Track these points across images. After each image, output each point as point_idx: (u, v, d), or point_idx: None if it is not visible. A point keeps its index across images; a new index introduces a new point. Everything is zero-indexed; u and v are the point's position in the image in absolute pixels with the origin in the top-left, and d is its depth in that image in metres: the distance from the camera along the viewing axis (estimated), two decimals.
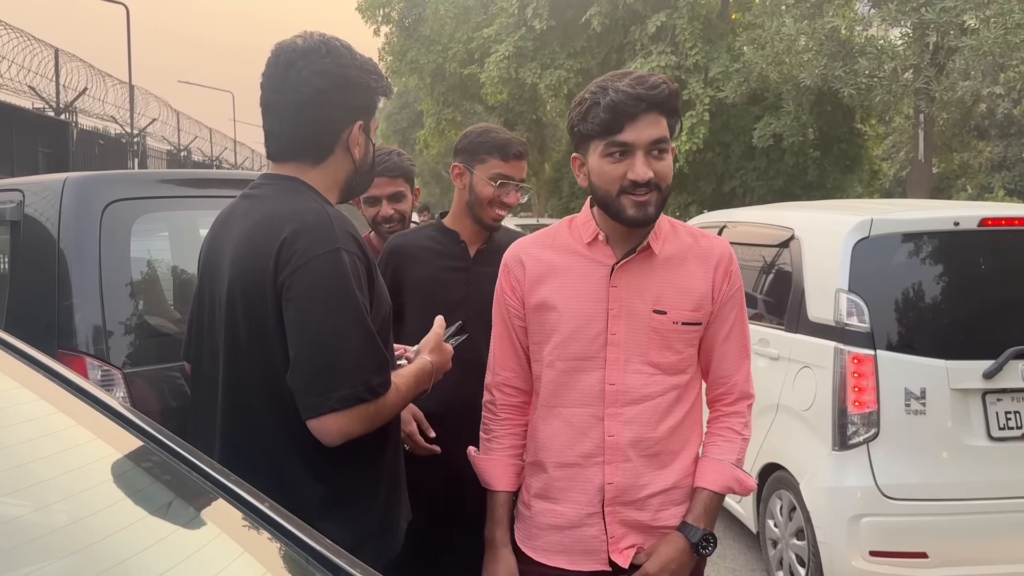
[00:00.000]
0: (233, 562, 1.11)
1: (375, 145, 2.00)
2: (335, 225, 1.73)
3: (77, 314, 2.98)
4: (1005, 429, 3.69)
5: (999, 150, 28.05)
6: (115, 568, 1.09)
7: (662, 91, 1.84)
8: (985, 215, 3.86)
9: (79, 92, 15.30)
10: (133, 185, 3.33)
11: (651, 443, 1.95)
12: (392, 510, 1.95)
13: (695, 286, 1.96)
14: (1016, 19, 13.00)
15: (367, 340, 1.69)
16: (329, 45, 1.85)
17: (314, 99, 1.81)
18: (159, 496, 1.27)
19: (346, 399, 1.65)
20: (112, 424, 1.33)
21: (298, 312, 1.68)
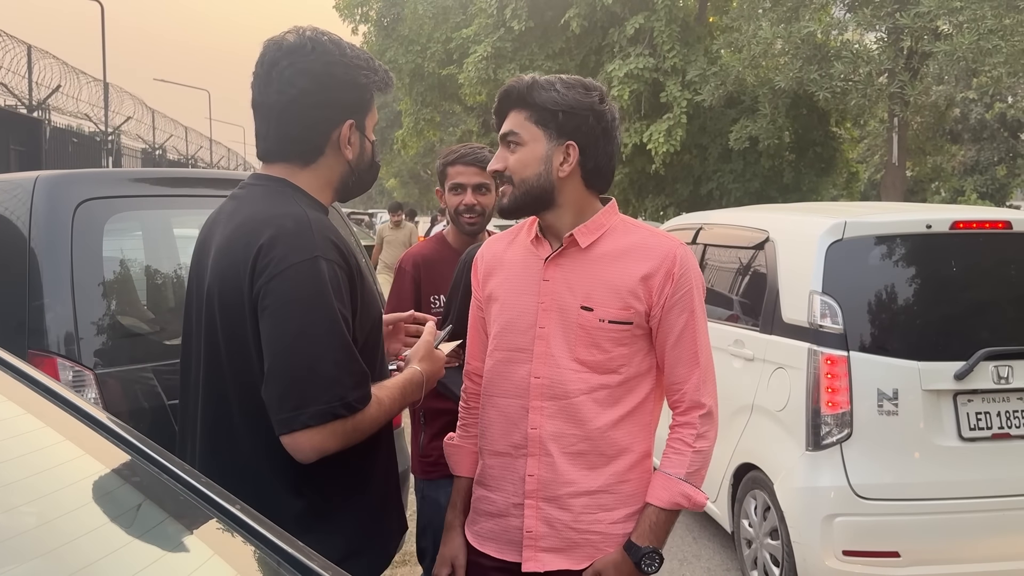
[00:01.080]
0: (203, 565, 1.10)
1: (372, 143, 1.91)
2: (315, 232, 1.66)
3: (48, 314, 2.95)
4: (975, 430, 3.73)
5: (972, 154, 28.42)
6: (83, 571, 1.07)
7: (513, 89, 1.95)
8: (957, 218, 3.91)
9: (52, 89, 15.10)
10: (105, 184, 3.30)
11: (574, 440, 1.93)
12: (381, 524, 1.90)
13: (625, 284, 1.92)
14: (988, 25, 13.18)
15: (344, 353, 1.62)
16: (317, 42, 1.78)
17: (298, 100, 1.75)
18: (129, 499, 1.25)
19: (320, 415, 1.58)
20: (82, 426, 1.32)
21: (273, 322, 1.62)
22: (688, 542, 4.95)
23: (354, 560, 1.75)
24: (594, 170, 1.94)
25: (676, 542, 4.94)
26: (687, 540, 4.98)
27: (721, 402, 4.67)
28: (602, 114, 1.91)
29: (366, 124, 1.87)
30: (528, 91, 1.91)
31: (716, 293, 5.00)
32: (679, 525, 5.19)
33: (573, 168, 1.91)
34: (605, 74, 18.45)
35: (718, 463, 4.53)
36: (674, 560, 4.69)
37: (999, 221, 3.95)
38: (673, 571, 4.56)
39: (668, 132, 17.71)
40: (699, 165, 19.79)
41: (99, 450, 1.29)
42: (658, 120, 18.16)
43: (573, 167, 1.91)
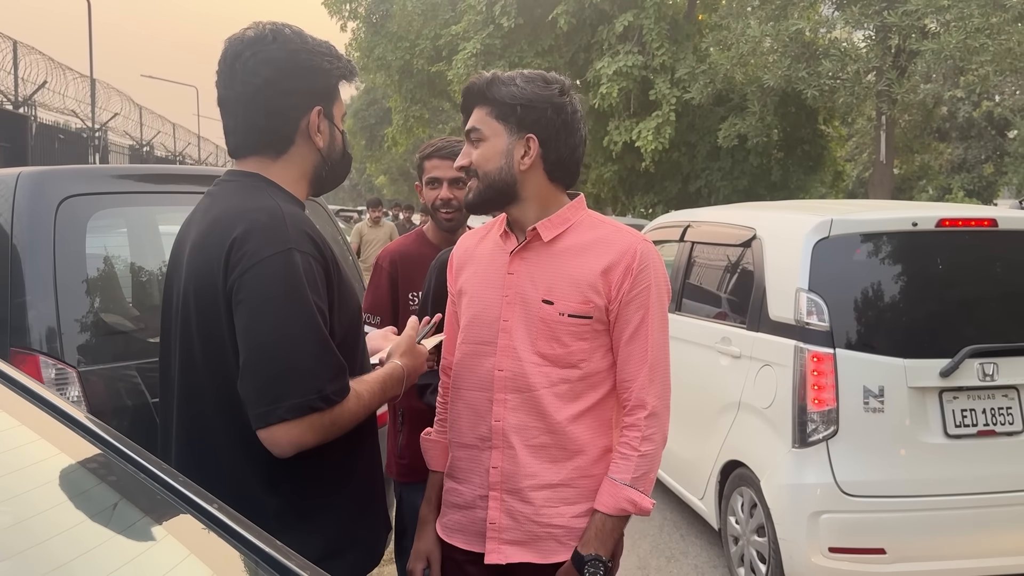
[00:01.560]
0: (179, 564, 1.09)
1: (343, 132, 1.90)
2: (288, 224, 1.65)
3: (30, 311, 2.92)
4: (961, 427, 3.75)
5: (959, 152, 28.55)
6: (57, 571, 1.06)
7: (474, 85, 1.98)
8: (943, 216, 3.92)
9: (38, 85, 14.99)
10: (89, 180, 3.27)
11: (536, 433, 1.93)
12: (366, 522, 1.88)
13: (585, 278, 1.91)
14: (976, 23, 13.24)
15: (320, 345, 1.61)
16: (277, 32, 1.77)
17: (263, 89, 1.73)
18: (104, 498, 1.23)
19: (297, 408, 1.56)
20: (57, 424, 1.30)
21: (247, 316, 1.60)
22: (676, 539, 4.96)
23: (336, 559, 1.73)
24: (556, 163, 1.93)
25: (664, 539, 4.95)
26: (674, 537, 4.99)
27: (708, 400, 4.70)
28: (561, 107, 1.91)
29: (334, 112, 1.86)
30: (488, 87, 1.94)
31: (703, 290, 5.00)
32: (666, 522, 5.19)
33: (534, 161, 1.91)
34: (594, 71, 18.46)
35: (705, 460, 4.54)
36: (661, 557, 4.70)
37: (985, 219, 3.96)
38: (661, 568, 4.57)
39: (657, 130, 17.74)
40: (688, 163, 19.82)
41: (75, 448, 1.28)
42: (647, 118, 18.18)
43: (534, 160, 1.91)
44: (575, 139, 1.94)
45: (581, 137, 1.96)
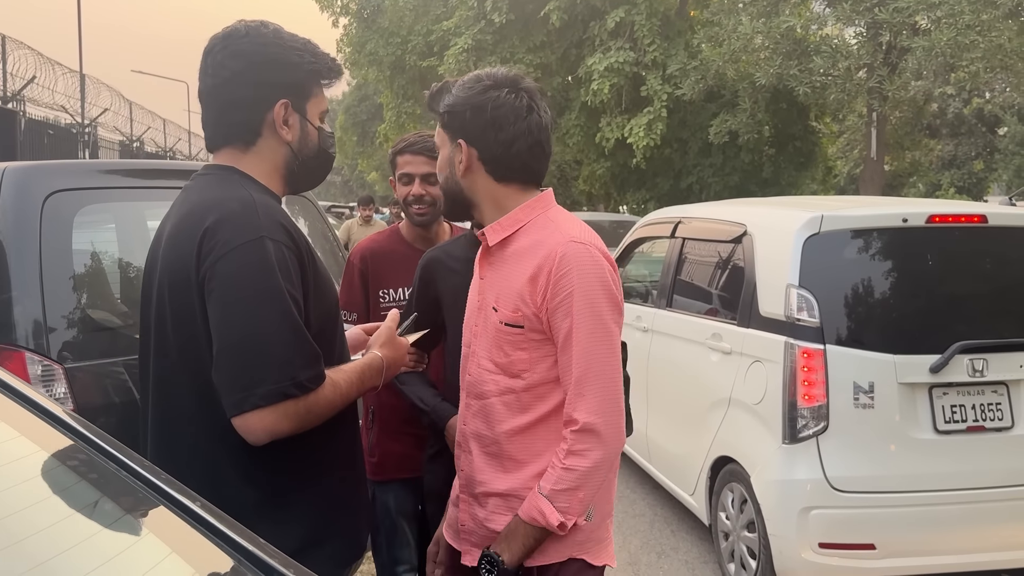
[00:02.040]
0: (160, 563, 1.08)
1: (322, 130, 1.89)
2: (260, 213, 1.66)
3: (16, 307, 2.90)
4: (951, 423, 3.75)
5: (949, 149, 28.67)
6: (36, 569, 1.04)
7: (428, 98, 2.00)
8: (933, 212, 3.92)
9: (27, 80, 14.89)
10: (76, 175, 3.25)
11: (489, 441, 1.92)
12: (347, 512, 1.87)
13: (515, 285, 1.86)
14: (966, 20, 13.28)
15: (293, 333, 1.60)
16: (251, 27, 1.80)
17: (230, 81, 1.76)
18: (85, 495, 1.22)
19: (270, 395, 1.56)
20: (37, 420, 1.28)
21: (220, 305, 1.60)
22: (666, 535, 4.96)
23: (316, 549, 1.74)
24: (493, 161, 1.87)
25: (654, 535, 4.95)
26: (665, 533, 4.99)
27: (698, 396, 4.70)
28: (480, 106, 1.84)
29: (307, 108, 1.85)
30: (431, 99, 1.96)
31: (694, 287, 5.00)
32: (657, 518, 5.20)
33: (471, 164, 1.88)
34: (586, 68, 18.45)
35: (695, 456, 4.54)
36: (652, 553, 4.70)
37: (975, 215, 3.96)
38: (651, 564, 4.57)
39: (648, 126, 17.73)
40: (679, 159, 19.83)
41: (54, 445, 1.26)
42: (639, 114, 18.18)
43: (470, 163, 1.88)
44: (506, 134, 1.84)
45: (520, 129, 1.85)
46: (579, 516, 1.75)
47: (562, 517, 1.76)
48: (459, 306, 2.36)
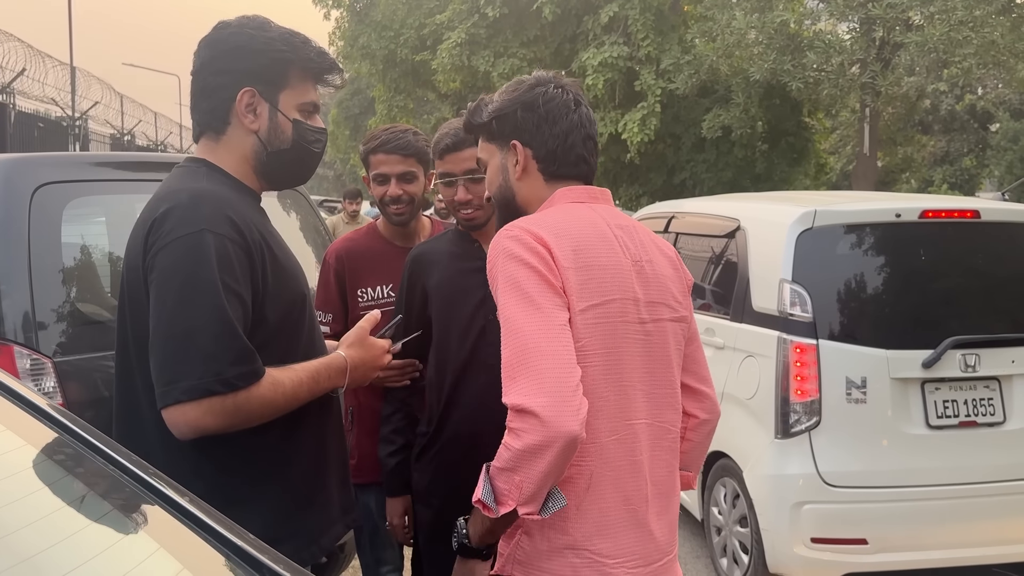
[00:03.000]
0: (148, 558, 1.06)
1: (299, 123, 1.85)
2: (206, 205, 1.64)
3: (5, 301, 2.87)
4: (943, 418, 3.76)
5: (942, 145, 28.74)
6: (22, 564, 1.03)
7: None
8: (926, 207, 3.93)
9: (17, 73, 14.80)
10: (65, 168, 3.22)
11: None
12: (304, 515, 1.82)
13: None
14: (959, 16, 13.30)
15: (223, 327, 1.57)
16: (239, 19, 1.81)
17: (200, 70, 1.78)
18: (72, 489, 1.21)
19: (193, 390, 1.53)
20: (24, 414, 1.27)
21: (154, 295, 1.60)
22: None
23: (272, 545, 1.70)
24: (549, 157, 1.83)
25: None
26: None
27: None
28: (531, 102, 1.82)
29: (279, 98, 1.82)
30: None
31: None
32: None
33: (527, 164, 1.84)
34: (579, 62, 18.42)
35: None
36: None
37: (968, 210, 3.97)
38: None
39: (642, 121, 17.72)
40: (673, 154, 19.83)
41: (41, 439, 1.25)
42: (632, 109, 18.17)
43: (526, 163, 1.84)
44: (560, 127, 1.82)
45: (573, 122, 1.83)
46: (517, 503, 1.55)
47: (493, 495, 1.59)
48: (446, 303, 2.32)
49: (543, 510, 1.57)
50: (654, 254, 1.80)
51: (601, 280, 1.68)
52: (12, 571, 1.02)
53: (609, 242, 1.73)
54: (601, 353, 1.66)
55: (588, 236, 1.70)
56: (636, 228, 1.82)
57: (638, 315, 1.72)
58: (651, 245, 1.82)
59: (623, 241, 1.75)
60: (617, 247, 1.73)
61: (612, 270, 1.70)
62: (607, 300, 1.67)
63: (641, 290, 1.73)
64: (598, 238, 1.72)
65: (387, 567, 2.85)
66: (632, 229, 1.80)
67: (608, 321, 1.67)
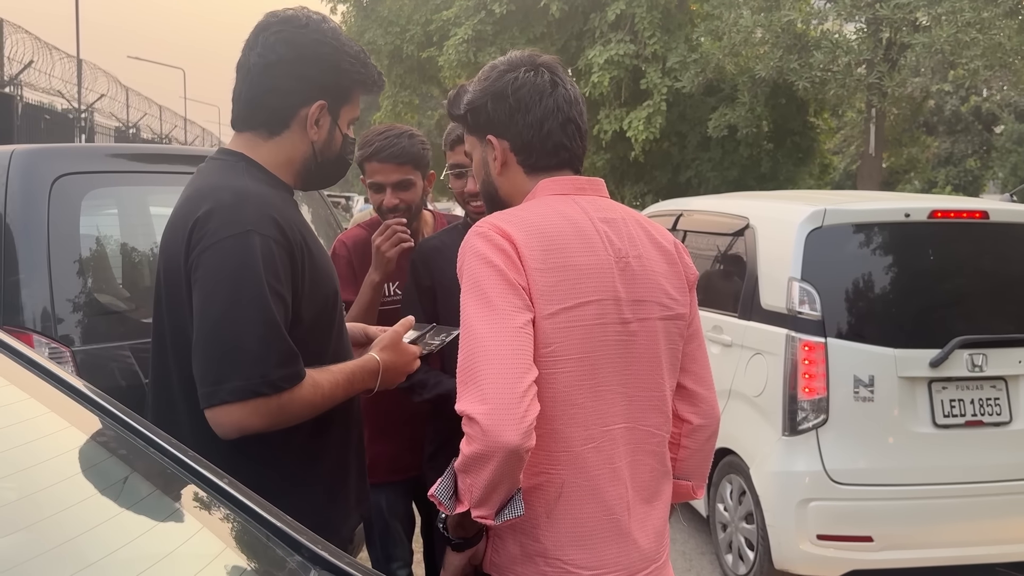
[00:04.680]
0: (191, 538, 1.09)
1: (347, 137, 1.88)
2: (251, 205, 1.64)
3: (24, 290, 2.90)
4: (949, 417, 3.78)
5: (946, 146, 28.71)
6: (66, 544, 1.06)
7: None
8: (935, 207, 3.95)
9: (24, 65, 14.82)
10: (83, 159, 3.25)
11: None
12: (329, 510, 1.85)
13: None
14: (967, 17, 13.28)
15: (269, 329, 1.58)
16: (313, 20, 1.78)
17: (275, 66, 1.74)
18: (114, 471, 1.23)
19: (239, 391, 1.55)
20: (66, 399, 1.29)
21: (200, 295, 1.60)
22: None
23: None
24: (525, 148, 1.71)
25: None
26: None
27: None
28: (500, 92, 1.70)
29: (340, 113, 1.85)
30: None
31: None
32: None
33: (505, 157, 1.73)
34: (585, 60, 18.40)
35: None
36: None
37: (977, 211, 3.99)
38: None
39: (648, 119, 17.69)
40: (678, 153, 19.81)
41: (84, 422, 1.27)
42: (638, 107, 18.15)
43: (504, 156, 1.73)
44: (534, 114, 1.69)
45: (548, 108, 1.69)
46: (470, 504, 1.51)
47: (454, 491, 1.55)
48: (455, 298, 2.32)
49: (498, 516, 1.52)
50: (644, 248, 1.69)
51: (575, 281, 1.58)
52: (56, 551, 1.05)
53: (588, 238, 1.62)
54: (576, 358, 1.57)
55: (564, 233, 1.60)
56: (625, 221, 1.70)
57: (619, 315, 1.62)
58: (642, 238, 1.70)
59: (606, 236, 1.64)
60: (598, 243, 1.63)
61: (589, 269, 1.60)
62: (581, 302, 1.58)
63: (624, 288, 1.63)
64: (575, 235, 1.61)
65: (397, 563, 2.88)
66: (619, 222, 1.69)
67: (583, 324, 1.58)
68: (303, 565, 1.10)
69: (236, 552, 1.09)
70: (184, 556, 1.07)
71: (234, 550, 1.09)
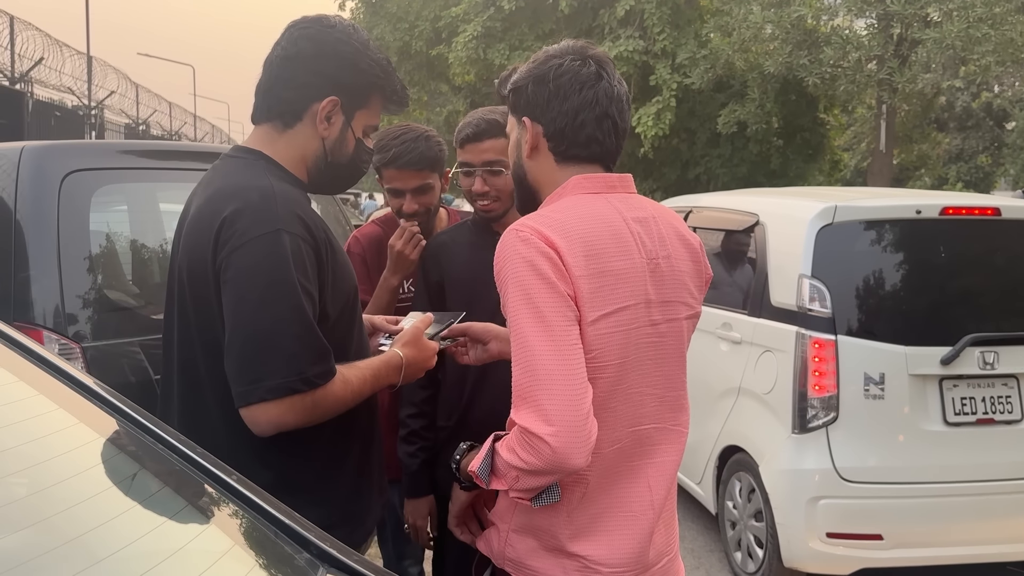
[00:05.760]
0: (200, 534, 1.09)
1: (361, 142, 1.88)
2: (279, 204, 1.66)
3: (34, 286, 2.91)
4: (960, 415, 3.76)
5: (957, 143, 28.57)
6: (76, 540, 1.06)
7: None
8: (946, 204, 3.92)
9: (35, 62, 14.89)
10: (93, 155, 3.26)
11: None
12: (355, 502, 1.88)
13: None
14: (978, 13, 13.20)
15: (303, 327, 1.61)
16: (343, 24, 1.82)
17: (294, 59, 1.77)
18: (123, 468, 1.23)
19: (277, 389, 1.57)
20: (76, 395, 1.30)
21: (232, 295, 1.61)
22: None
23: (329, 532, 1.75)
24: (557, 135, 1.68)
25: None
26: None
27: (708, 385, 4.70)
28: (542, 76, 1.68)
29: (356, 116, 1.85)
30: (500, 85, 1.82)
31: None
32: None
33: (537, 142, 1.71)
34: None
35: (704, 445, 4.56)
36: None
37: (988, 207, 3.97)
38: None
39: (657, 116, 17.66)
40: (687, 149, 19.76)
41: (94, 419, 1.27)
42: (647, 103, 18.11)
43: (535, 140, 1.70)
44: (571, 103, 1.66)
45: (586, 99, 1.66)
46: (509, 487, 1.53)
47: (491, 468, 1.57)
48: (467, 295, 2.28)
49: (535, 500, 1.55)
50: (674, 248, 1.69)
51: (614, 287, 1.57)
52: (65, 547, 1.05)
53: (623, 241, 1.60)
54: (615, 364, 1.57)
55: (601, 237, 1.58)
56: (656, 219, 1.69)
57: (649, 318, 1.62)
58: (672, 238, 1.70)
59: (639, 237, 1.63)
60: (632, 245, 1.61)
61: (625, 274, 1.59)
62: (619, 308, 1.57)
63: (655, 290, 1.63)
64: (611, 238, 1.59)
65: (408, 560, 2.88)
66: (651, 221, 1.67)
67: (620, 330, 1.57)
68: (311, 562, 1.10)
69: (244, 549, 1.09)
70: (192, 553, 1.07)
71: (242, 547, 1.09)
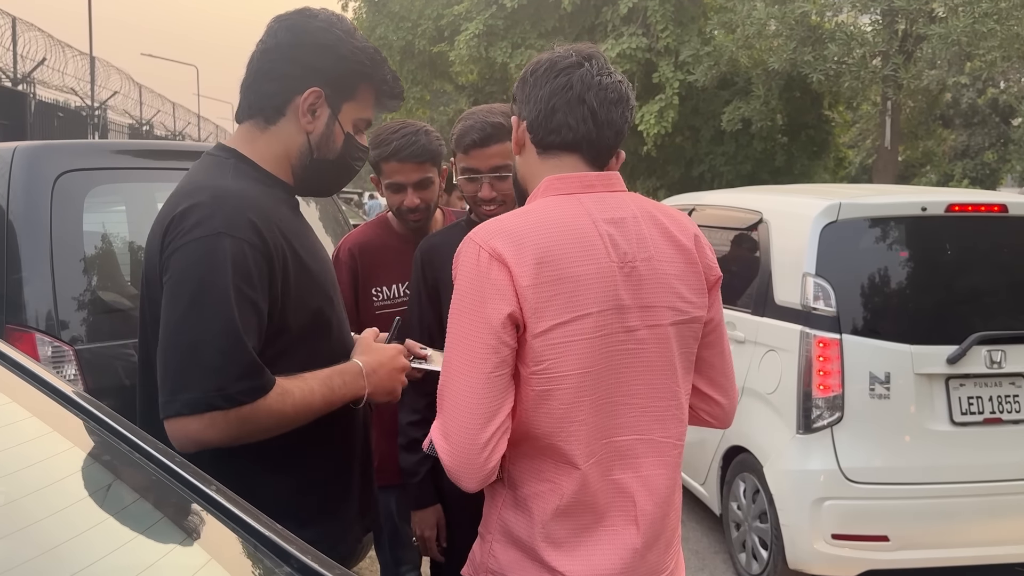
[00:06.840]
0: (177, 547, 1.05)
1: (351, 137, 1.79)
2: (228, 206, 1.56)
3: (27, 288, 2.88)
4: (967, 414, 3.71)
5: (963, 139, 28.44)
6: (49, 552, 1.02)
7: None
8: (952, 201, 3.88)
9: (37, 62, 14.90)
10: (86, 155, 3.22)
11: None
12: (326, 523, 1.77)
13: None
14: (984, 8, 13.12)
15: (230, 339, 1.49)
16: (326, 13, 1.73)
17: (273, 50, 1.70)
18: (99, 478, 1.20)
19: (194, 404, 1.46)
20: (51, 403, 1.26)
21: (166, 298, 1.53)
22: None
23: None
24: (532, 125, 1.64)
25: None
26: None
27: None
28: (525, 73, 1.68)
29: (343, 108, 1.76)
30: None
31: None
32: None
33: (522, 136, 1.67)
34: None
35: (707, 445, 4.51)
36: None
37: (995, 204, 3.92)
38: None
39: (660, 113, 17.60)
40: (691, 147, 19.70)
41: (68, 428, 1.23)
42: (650, 101, 18.06)
43: (522, 135, 1.67)
44: (543, 91, 1.62)
45: (560, 84, 1.61)
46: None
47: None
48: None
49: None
50: (657, 248, 1.59)
51: (572, 293, 1.49)
52: (35, 561, 1.01)
53: (588, 245, 1.52)
54: (575, 374, 1.50)
55: (559, 242, 1.50)
56: (636, 219, 1.59)
57: (623, 324, 1.54)
58: (655, 238, 1.60)
59: (611, 240, 1.54)
60: (599, 249, 1.53)
61: (588, 279, 1.51)
62: (580, 315, 1.49)
63: (630, 295, 1.54)
64: (573, 242, 1.51)
65: (406, 567, 2.84)
66: (628, 222, 1.58)
67: (581, 338, 1.50)
68: None
69: (223, 562, 1.05)
70: (169, 566, 1.03)
71: (221, 560, 1.04)
